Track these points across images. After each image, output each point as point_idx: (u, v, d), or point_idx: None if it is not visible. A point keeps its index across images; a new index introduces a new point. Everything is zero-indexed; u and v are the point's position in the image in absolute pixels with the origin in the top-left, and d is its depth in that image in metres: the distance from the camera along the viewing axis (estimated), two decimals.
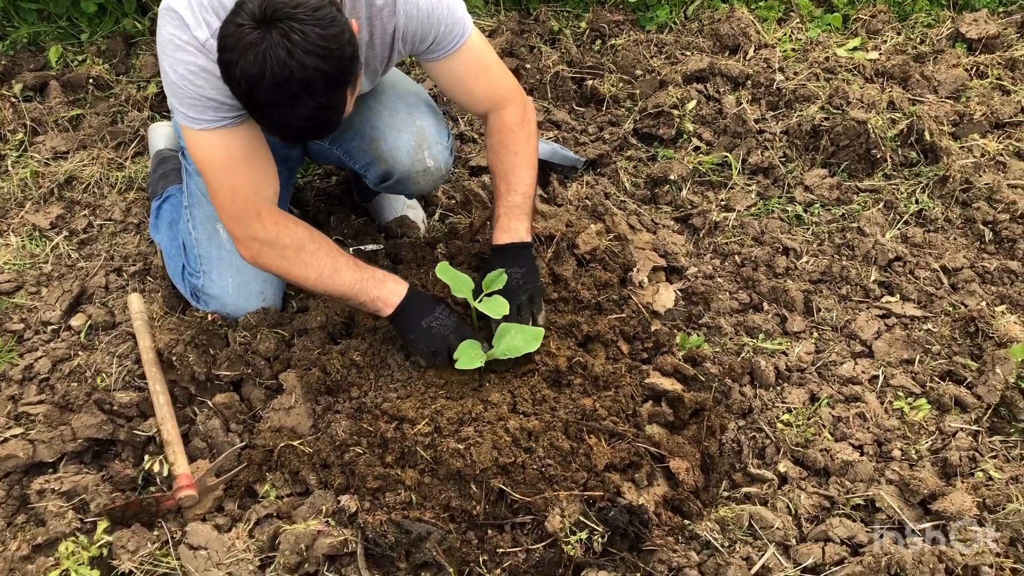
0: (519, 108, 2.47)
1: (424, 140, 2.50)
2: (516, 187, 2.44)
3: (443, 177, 2.61)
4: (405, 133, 2.49)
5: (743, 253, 2.90)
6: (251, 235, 2.18)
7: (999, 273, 2.78)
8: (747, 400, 2.41)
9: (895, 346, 2.55)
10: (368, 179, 2.59)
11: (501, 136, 2.46)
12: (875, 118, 3.23)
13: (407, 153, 2.48)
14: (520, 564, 1.95)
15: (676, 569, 2.00)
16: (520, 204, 2.44)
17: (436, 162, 2.53)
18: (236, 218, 2.18)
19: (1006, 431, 2.33)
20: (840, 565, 2.00)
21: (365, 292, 2.23)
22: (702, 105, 3.45)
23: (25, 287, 2.74)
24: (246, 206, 2.17)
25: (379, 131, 2.49)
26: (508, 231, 2.41)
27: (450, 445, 2.03)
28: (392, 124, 2.49)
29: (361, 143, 2.52)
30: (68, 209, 3.07)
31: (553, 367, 2.27)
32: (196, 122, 2.09)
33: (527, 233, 2.43)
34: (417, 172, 2.52)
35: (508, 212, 2.43)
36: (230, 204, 2.17)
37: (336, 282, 2.21)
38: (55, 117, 3.40)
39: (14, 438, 2.21)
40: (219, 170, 2.15)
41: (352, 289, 2.22)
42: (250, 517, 2.06)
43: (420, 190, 2.63)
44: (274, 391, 2.32)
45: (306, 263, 2.20)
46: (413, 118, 2.51)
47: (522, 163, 2.45)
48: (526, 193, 2.45)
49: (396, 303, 2.25)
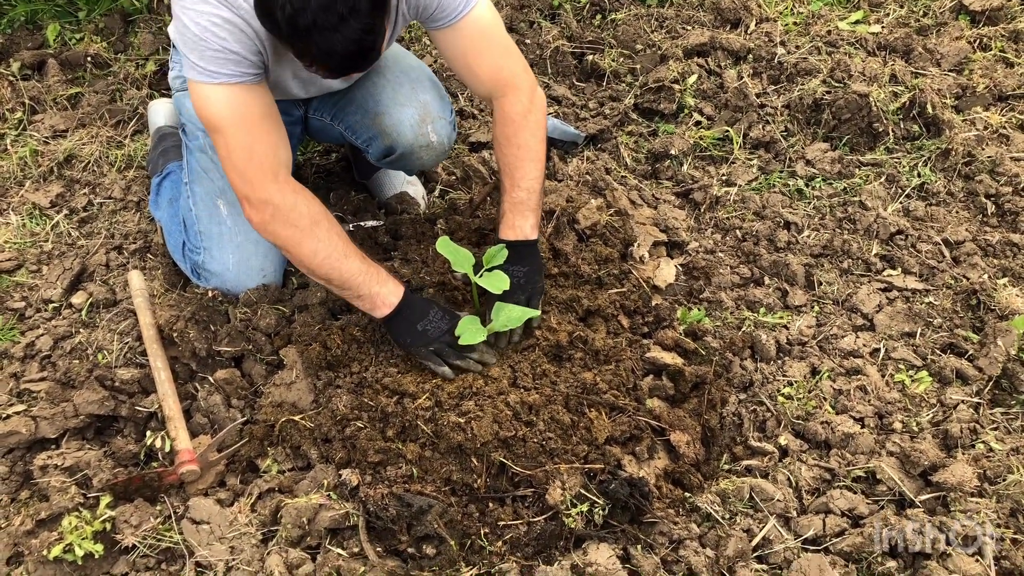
0: (525, 96, 2.36)
1: (428, 114, 2.48)
2: (520, 182, 2.36)
3: (445, 152, 2.59)
4: (409, 107, 2.47)
5: (744, 227, 2.89)
6: (265, 198, 2.09)
7: (1001, 246, 2.77)
8: (748, 374, 2.41)
9: (896, 319, 2.54)
10: (370, 154, 2.58)
11: (504, 128, 2.36)
12: (877, 91, 3.21)
13: (411, 127, 2.47)
14: (521, 536, 1.96)
15: (677, 541, 2.01)
16: (525, 200, 2.37)
17: (439, 137, 2.51)
18: (251, 180, 2.09)
19: (1007, 403, 2.33)
20: (841, 536, 2.00)
21: (367, 285, 2.18)
22: (703, 79, 3.43)
23: (26, 265, 2.73)
24: (263, 166, 2.08)
25: (383, 105, 2.47)
26: (513, 228, 2.36)
27: (451, 419, 2.03)
28: (396, 99, 2.47)
29: (364, 117, 2.51)
30: (68, 187, 3.06)
31: (554, 342, 2.27)
32: (215, 76, 2.00)
33: (532, 230, 2.37)
34: (420, 147, 2.50)
35: (513, 208, 2.37)
36: (245, 164, 2.08)
37: (342, 267, 2.16)
38: (53, 96, 3.39)
39: (16, 415, 2.21)
40: (235, 127, 2.06)
41: (356, 278, 2.17)
42: (252, 491, 2.07)
43: (422, 165, 2.61)
44: (275, 367, 2.33)
45: (318, 238, 2.13)
46: (416, 92, 2.49)
47: (526, 156, 2.36)
48: (531, 188, 2.37)
49: (394, 304, 2.21)
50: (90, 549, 1.90)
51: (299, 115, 2.68)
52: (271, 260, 2.48)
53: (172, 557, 1.99)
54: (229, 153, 2.08)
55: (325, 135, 2.78)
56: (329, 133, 2.70)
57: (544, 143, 2.41)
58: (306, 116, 2.70)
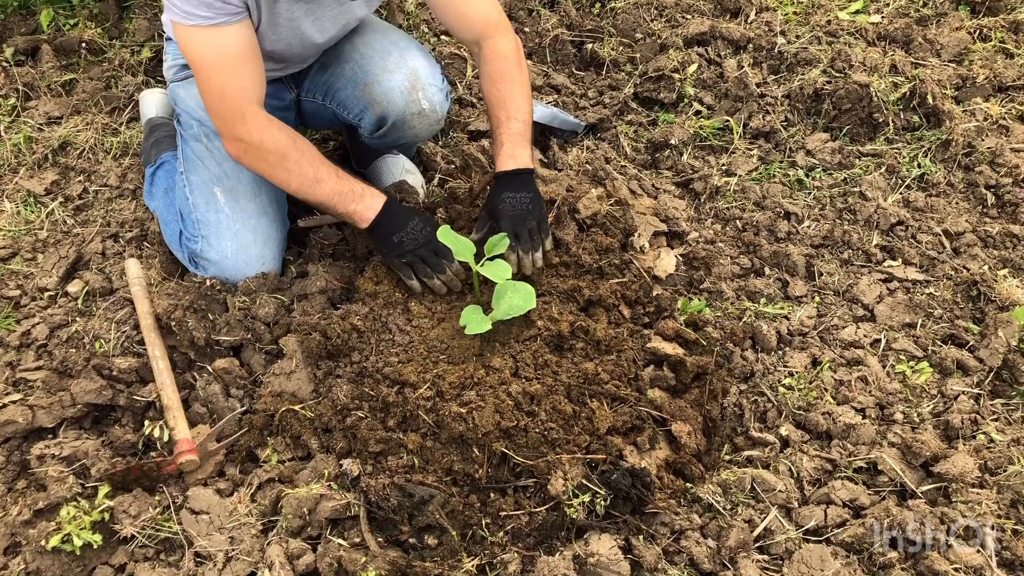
0: (511, 37, 2.48)
1: (417, 80, 2.49)
2: (516, 115, 2.42)
3: (439, 122, 2.60)
4: (398, 74, 2.48)
5: (744, 218, 2.88)
6: (236, 136, 2.23)
7: (1001, 237, 2.76)
8: (749, 364, 2.40)
9: (897, 310, 2.54)
10: (363, 128, 2.58)
11: (497, 64, 2.44)
12: (877, 82, 3.20)
13: (401, 94, 2.48)
14: (523, 527, 1.96)
15: (678, 532, 2.01)
16: (522, 131, 2.43)
17: (431, 104, 2.52)
18: (222, 118, 2.23)
19: (1008, 394, 2.33)
20: (842, 527, 2.00)
21: (343, 204, 2.30)
22: (703, 69, 3.42)
23: (21, 253, 2.71)
24: (232, 107, 2.20)
25: (371, 75, 2.49)
26: (513, 157, 2.39)
27: (452, 409, 2.02)
28: (385, 66, 2.49)
29: (354, 90, 2.52)
30: (63, 175, 3.03)
31: (555, 332, 2.26)
32: (190, 17, 2.09)
33: (530, 160, 2.43)
34: (412, 115, 2.51)
35: (511, 139, 2.41)
36: (217, 104, 2.21)
37: (316, 192, 2.28)
38: (47, 82, 3.35)
39: (13, 403, 2.19)
40: (209, 69, 2.17)
41: (330, 200, 2.29)
42: (252, 481, 2.06)
43: (416, 136, 2.61)
44: (274, 356, 2.31)
45: (288, 170, 2.25)
46: (405, 59, 2.50)
47: (519, 92, 2.45)
48: (526, 121, 2.44)
49: (371, 218, 2.31)
50: (89, 539, 1.88)
51: (291, 99, 2.67)
52: (270, 248, 2.46)
53: (171, 547, 1.97)
54: (204, 93, 2.22)
55: (319, 118, 2.77)
56: (322, 115, 2.69)
57: (529, 82, 2.53)
58: (299, 100, 2.69)
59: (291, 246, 2.64)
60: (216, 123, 2.27)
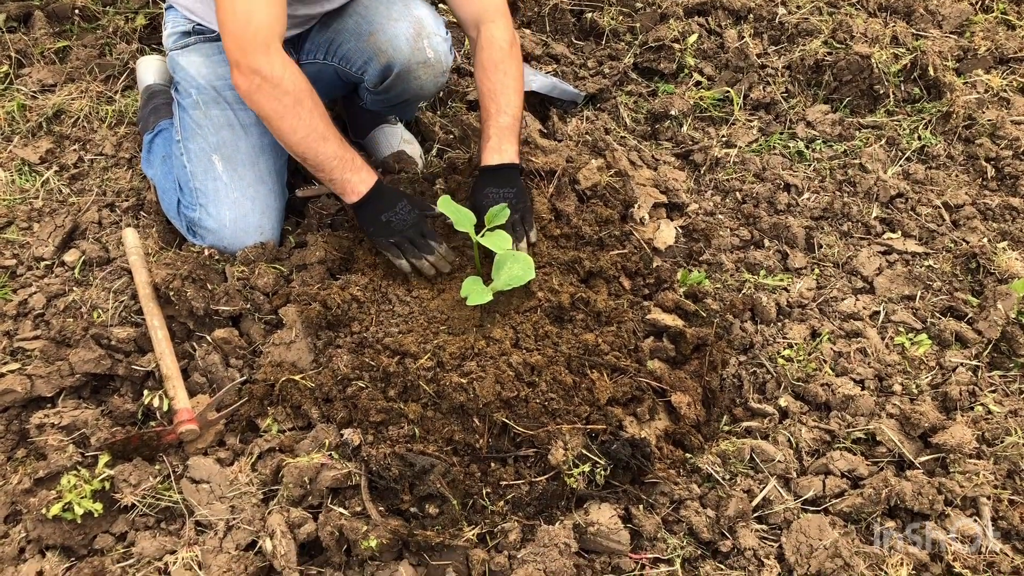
0: (509, 25, 2.47)
1: (423, 28, 2.46)
2: (506, 108, 2.43)
3: (444, 73, 2.57)
4: (403, 22, 2.45)
5: (744, 190, 2.87)
6: (255, 67, 2.13)
7: (1001, 210, 2.76)
8: (748, 336, 2.40)
9: (896, 282, 2.54)
10: (367, 80, 2.54)
11: (492, 53, 2.44)
12: (878, 53, 3.18)
13: (406, 41, 2.44)
14: (523, 496, 1.96)
15: (678, 501, 2.02)
16: (510, 126, 2.43)
17: (436, 53, 2.49)
18: (244, 47, 2.13)
19: (1006, 366, 2.34)
20: (840, 497, 2.02)
21: (340, 170, 2.27)
22: (703, 39, 3.39)
23: (16, 223, 2.69)
24: (257, 36, 2.12)
25: (375, 24, 2.46)
26: (499, 152, 2.40)
27: (453, 379, 2.02)
28: (389, 15, 2.45)
29: (358, 42, 2.49)
30: (57, 143, 3.00)
31: (556, 303, 2.25)
32: None
33: (516, 155, 2.43)
34: (418, 63, 2.47)
35: (499, 133, 2.42)
36: (242, 30, 2.11)
37: (319, 149, 2.23)
38: (41, 49, 3.31)
39: (11, 373, 2.18)
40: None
41: (330, 163, 2.25)
42: (252, 451, 2.06)
43: (421, 87, 2.56)
44: (274, 326, 2.30)
45: (300, 116, 2.19)
46: (409, 8, 2.47)
47: (512, 84, 2.44)
48: (515, 115, 2.44)
49: (363, 192, 2.29)
50: (89, 508, 1.88)
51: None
52: (268, 217, 2.44)
53: (172, 516, 1.98)
54: (227, 16, 2.13)
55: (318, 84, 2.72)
56: (323, 78, 2.65)
57: (523, 74, 2.52)
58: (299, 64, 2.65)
59: (290, 216, 2.63)
60: (234, 52, 2.14)
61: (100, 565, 1.87)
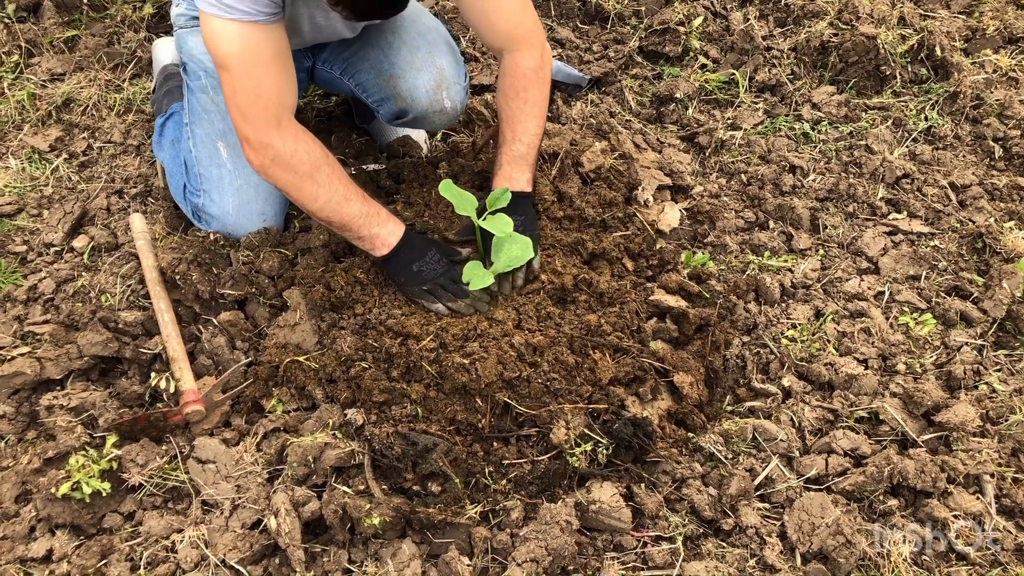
0: (537, 53, 2.35)
1: (443, 81, 2.46)
2: (522, 136, 2.37)
3: (457, 117, 2.58)
4: (425, 72, 2.44)
5: (749, 171, 2.86)
6: (266, 142, 2.07)
7: (1008, 190, 2.75)
8: (752, 316, 2.41)
9: (901, 262, 2.53)
10: (381, 114, 2.56)
11: (514, 80, 2.36)
12: (885, 34, 3.16)
13: (426, 93, 2.44)
14: (525, 475, 1.97)
15: (680, 480, 2.02)
16: (524, 155, 2.38)
17: (453, 103, 2.50)
18: (254, 123, 2.06)
19: (1011, 345, 2.33)
20: (843, 476, 2.02)
21: (367, 227, 2.20)
22: (709, 22, 3.38)
23: (26, 209, 2.72)
24: (267, 111, 2.06)
25: (398, 68, 2.44)
26: (510, 180, 2.36)
27: (455, 360, 2.03)
28: (412, 62, 2.43)
29: (378, 78, 2.47)
30: (67, 131, 3.03)
31: (559, 284, 2.26)
32: (230, 11, 1.94)
33: (528, 184, 2.39)
34: (434, 112, 2.49)
35: (511, 162, 2.37)
36: (250, 106, 2.04)
37: (343, 211, 2.16)
38: (50, 38, 3.34)
39: (21, 356, 2.21)
40: (244, 67, 2.01)
41: (356, 221, 2.18)
42: (257, 431, 2.08)
43: (433, 128, 2.62)
44: (278, 309, 2.32)
45: (319, 183, 2.13)
46: (433, 57, 2.45)
47: (531, 112, 2.37)
48: (531, 144, 2.38)
49: (393, 244, 2.22)
50: (98, 487, 1.91)
51: (307, 65, 2.64)
52: (272, 204, 2.46)
53: (179, 496, 2.00)
54: (234, 92, 2.04)
55: (333, 87, 2.74)
56: (337, 86, 2.66)
57: (547, 100, 2.42)
58: (313, 67, 2.66)
59: None
60: (243, 128, 2.08)
61: (108, 543, 1.90)
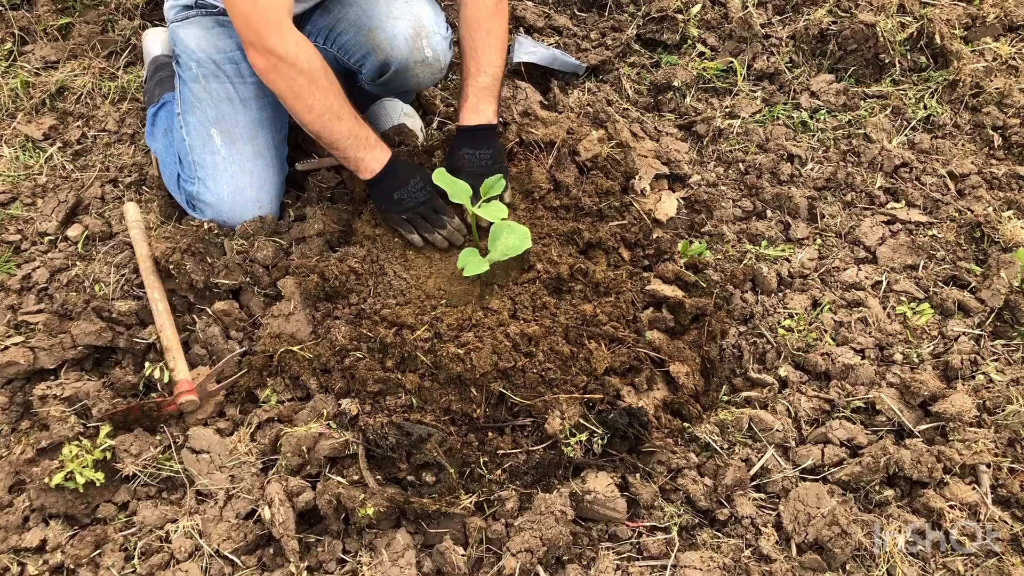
0: None
1: (422, 28, 2.45)
2: (486, 68, 2.42)
3: (441, 71, 2.56)
4: (402, 21, 2.43)
5: (747, 160, 2.85)
6: (269, 47, 2.11)
7: (1007, 178, 2.73)
8: (748, 306, 2.39)
9: (899, 252, 2.52)
10: (364, 74, 2.54)
11: (476, 10, 2.41)
12: (884, 21, 3.14)
13: (405, 41, 2.43)
14: (520, 465, 1.97)
15: (675, 470, 2.02)
16: (489, 85, 2.43)
17: (435, 52, 2.48)
18: (255, 27, 2.10)
19: (1008, 335, 2.32)
20: (839, 466, 2.01)
21: (354, 148, 2.27)
22: (707, 9, 3.35)
23: (20, 198, 2.70)
24: (267, 14, 2.09)
25: (375, 20, 2.44)
26: (477, 112, 2.41)
27: (450, 350, 2.02)
28: (389, 12, 2.44)
29: (357, 35, 2.47)
30: (61, 120, 3.01)
31: (554, 274, 2.25)
32: None
33: (494, 115, 2.44)
34: (416, 63, 2.47)
35: (477, 93, 2.42)
36: (251, 11, 2.09)
37: (334, 127, 2.23)
38: (43, 26, 3.32)
39: (15, 346, 2.21)
40: None
41: (345, 140, 2.26)
42: (251, 421, 2.07)
43: (418, 84, 2.58)
44: (273, 298, 2.31)
45: (315, 95, 2.18)
46: (410, 6, 2.46)
47: (494, 43, 2.43)
48: (495, 75, 2.44)
49: (376, 170, 2.30)
50: (91, 477, 1.90)
51: None
52: (266, 191, 2.45)
53: (173, 486, 2.00)
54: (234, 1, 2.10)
55: None
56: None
57: (508, 33, 2.49)
58: None
59: (289, 189, 2.63)
60: (246, 33, 2.13)
61: (102, 533, 1.90)
